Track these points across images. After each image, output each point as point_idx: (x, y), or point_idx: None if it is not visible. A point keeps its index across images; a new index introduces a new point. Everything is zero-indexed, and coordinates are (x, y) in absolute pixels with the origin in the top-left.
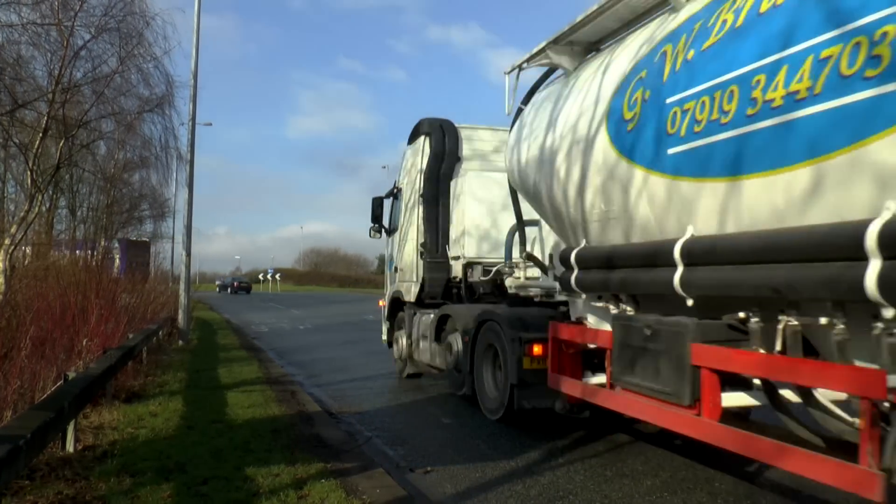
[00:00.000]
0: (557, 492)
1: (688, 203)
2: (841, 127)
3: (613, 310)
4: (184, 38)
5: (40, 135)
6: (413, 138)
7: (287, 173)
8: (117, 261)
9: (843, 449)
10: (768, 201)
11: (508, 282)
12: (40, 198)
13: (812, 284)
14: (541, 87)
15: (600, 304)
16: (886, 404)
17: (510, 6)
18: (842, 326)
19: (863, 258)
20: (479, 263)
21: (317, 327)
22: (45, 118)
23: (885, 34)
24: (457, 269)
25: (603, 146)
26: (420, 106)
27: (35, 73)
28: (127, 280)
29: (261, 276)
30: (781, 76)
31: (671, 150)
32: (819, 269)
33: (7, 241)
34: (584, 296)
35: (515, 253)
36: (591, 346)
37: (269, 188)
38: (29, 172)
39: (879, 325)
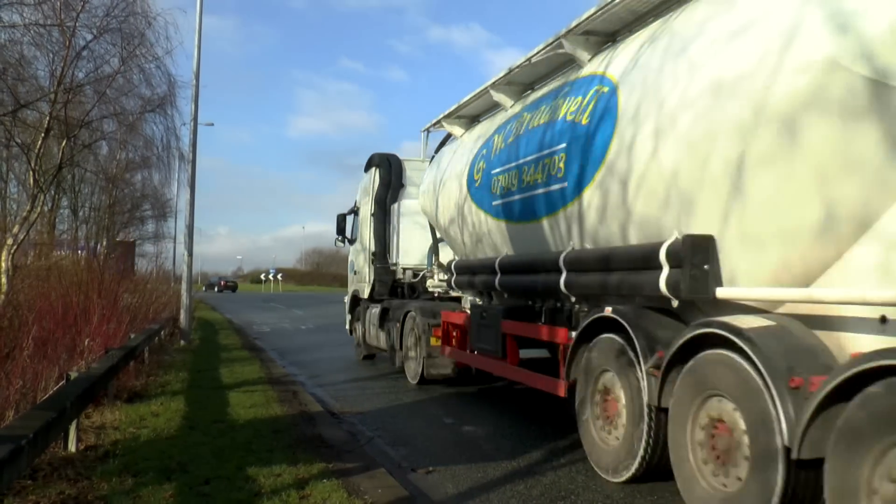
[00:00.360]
0: (559, 492)
1: (506, 236)
2: (548, 202)
3: (478, 301)
4: (186, 39)
5: (42, 135)
6: (367, 168)
7: (289, 173)
8: None
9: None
10: (540, 237)
11: (428, 283)
12: (42, 198)
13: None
14: (446, 143)
15: (471, 297)
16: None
17: (511, 7)
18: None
19: (657, 267)
20: (411, 269)
21: (318, 327)
22: (48, 118)
23: (557, 157)
24: (398, 274)
25: (465, 195)
26: (421, 106)
27: (37, 74)
28: (128, 280)
29: (262, 276)
30: (531, 168)
31: (494, 203)
32: (625, 277)
33: (9, 241)
34: (463, 292)
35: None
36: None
37: (271, 188)
38: (31, 172)
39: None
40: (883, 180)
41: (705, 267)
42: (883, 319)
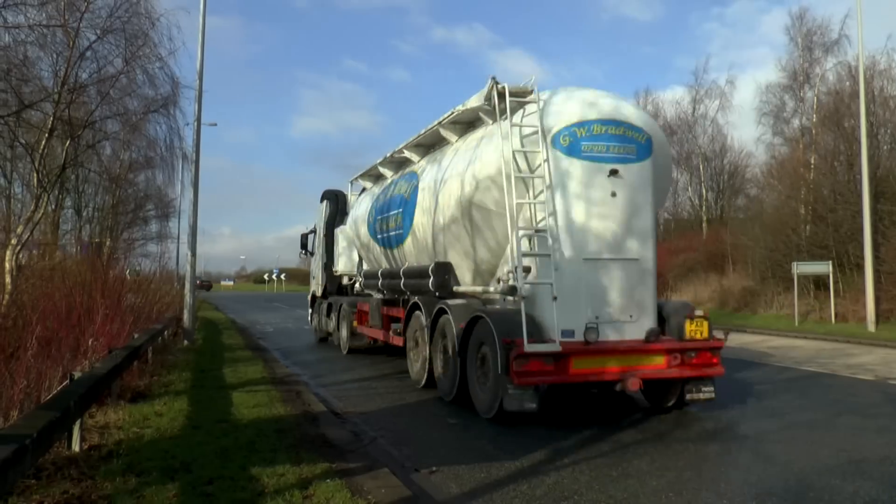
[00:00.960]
0: (563, 492)
1: (383, 256)
2: (397, 240)
3: (376, 295)
4: (189, 39)
5: (46, 135)
6: (322, 200)
7: (292, 173)
8: None
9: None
10: (397, 258)
11: (357, 285)
12: (46, 198)
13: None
14: (363, 191)
15: (377, 294)
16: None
17: (515, 7)
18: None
19: (427, 276)
20: (348, 275)
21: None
22: (51, 119)
23: (398, 215)
24: (342, 279)
25: (366, 229)
26: (425, 106)
27: (41, 74)
28: (133, 280)
29: (266, 276)
30: (390, 219)
31: (378, 236)
32: (418, 281)
33: (13, 241)
34: (368, 290)
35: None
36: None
37: (274, 188)
38: (35, 173)
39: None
40: (505, 237)
41: (446, 277)
42: (503, 298)
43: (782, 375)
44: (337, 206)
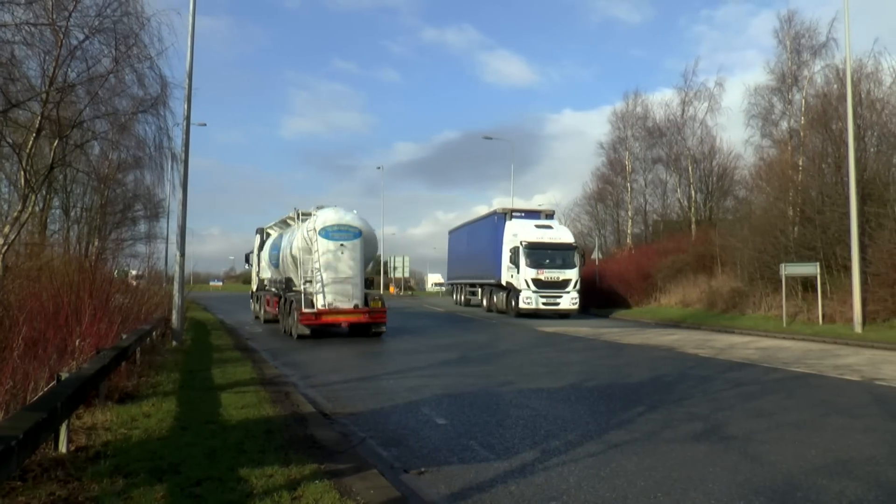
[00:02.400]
0: (551, 492)
1: (274, 272)
2: (275, 265)
3: (273, 290)
4: (179, 39)
5: (34, 135)
6: (256, 233)
7: (281, 174)
8: None
9: None
10: (277, 273)
11: (267, 286)
12: (34, 198)
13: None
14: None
15: (273, 290)
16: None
17: (504, 9)
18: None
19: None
20: (265, 280)
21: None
22: (39, 118)
23: (275, 253)
24: (262, 281)
25: (268, 258)
26: (414, 106)
27: (28, 73)
28: (121, 280)
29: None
30: (275, 254)
31: (272, 262)
32: (280, 284)
33: (0, 241)
34: (272, 289)
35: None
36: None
37: (264, 188)
38: (22, 172)
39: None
40: (304, 267)
41: (289, 283)
42: (304, 290)
43: (770, 376)
44: (262, 239)
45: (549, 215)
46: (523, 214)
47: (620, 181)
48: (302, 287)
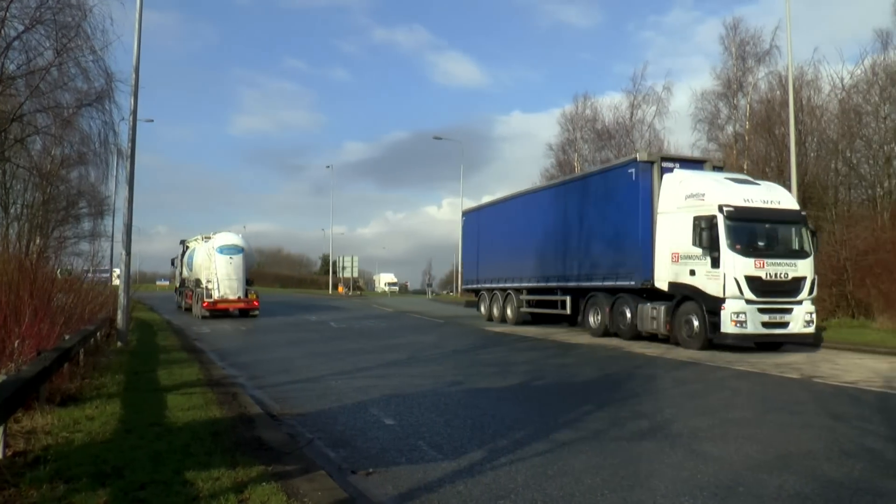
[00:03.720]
0: (499, 491)
1: (188, 274)
2: (189, 269)
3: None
4: (125, 33)
5: None
6: (181, 243)
7: (230, 172)
8: None
9: None
10: (192, 277)
11: (186, 283)
12: None
13: None
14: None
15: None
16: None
17: (455, 10)
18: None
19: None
20: (186, 279)
21: (259, 328)
22: None
23: (189, 261)
24: (184, 280)
25: (188, 263)
26: (364, 106)
27: None
28: (64, 279)
29: None
30: (188, 262)
31: (187, 267)
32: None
33: None
34: (190, 286)
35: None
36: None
37: (212, 187)
38: None
39: None
40: (205, 273)
41: (199, 284)
42: (207, 288)
43: (714, 375)
44: (185, 248)
45: (719, 167)
46: (678, 165)
47: None
48: (205, 285)
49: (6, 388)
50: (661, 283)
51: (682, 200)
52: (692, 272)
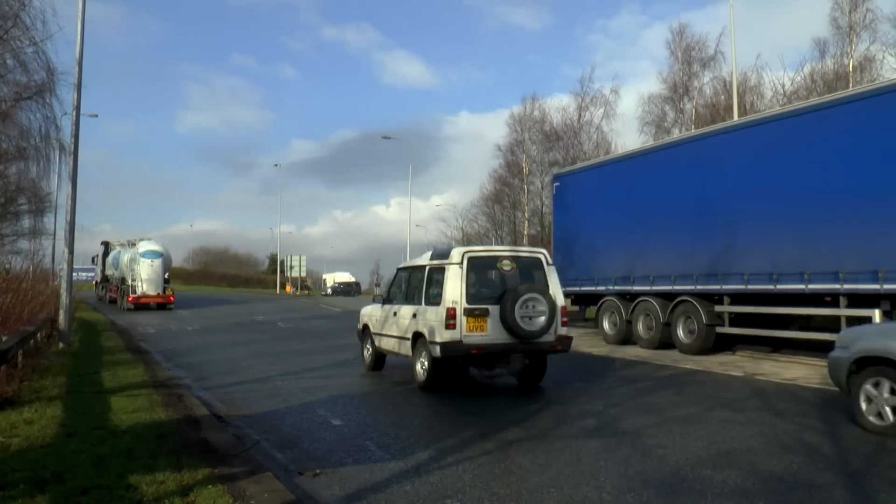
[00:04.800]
0: (447, 490)
1: (113, 272)
2: (115, 267)
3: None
4: (67, 24)
5: None
6: (102, 244)
7: (177, 170)
8: None
9: None
10: (115, 273)
11: (110, 280)
12: None
13: None
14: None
15: (124, 286)
16: None
17: (403, 10)
18: None
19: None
20: (111, 276)
21: (206, 328)
22: None
23: (118, 261)
24: (108, 276)
25: (112, 262)
26: (312, 104)
27: None
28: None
29: None
30: (116, 262)
31: (115, 267)
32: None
33: None
34: (115, 282)
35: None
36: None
37: (158, 185)
38: None
39: None
40: (128, 270)
41: (131, 282)
42: (132, 286)
43: (661, 373)
44: (107, 249)
45: None
46: None
47: (518, 183)
48: (130, 283)
49: None
50: None
51: None
52: None
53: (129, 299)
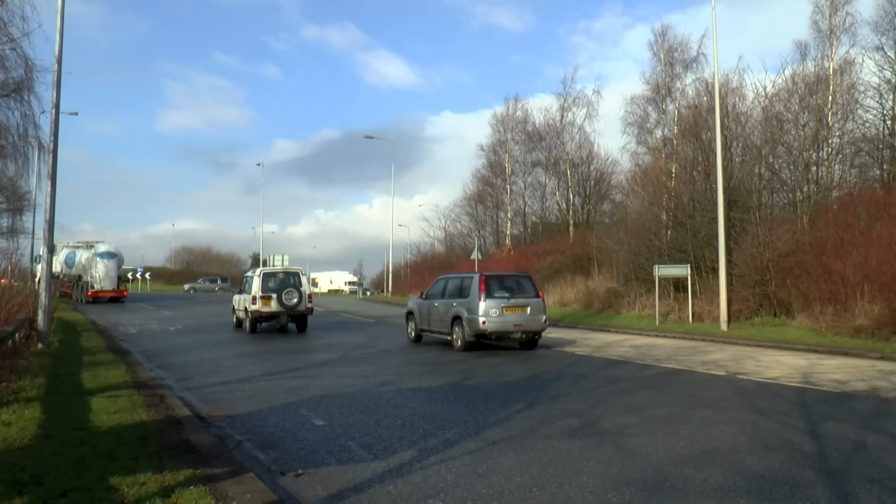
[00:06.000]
0: (429, 490)
1: (67, 270)
2: (70, 265)
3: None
4: (46, 21)
5: None
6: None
7: (159, 169)
8: None
9: None
10: (67, 272)
11: (62, 276)
12: None
13: None
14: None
15: (81, 282)
16: None
17: (385, 10)
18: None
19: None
20: (61, 273)
21: (188, 328)
22: None
23: (70, 260)
24: (59, 274)
25: (66, 261)
26: (295, 104)
27: None
28: None
29: (130, 275)
30: (71, 262)
31: (66, 266)
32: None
33: None
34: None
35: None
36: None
37: (140, 184)
38: None
39: None
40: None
41: (82, 278)
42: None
43: (644, 373)
44: (52, 249)
45: None
46: None
47: (500, 183)
48: (88, 279)
49: None
50: None
51: None
52: None
53: (89, 294)
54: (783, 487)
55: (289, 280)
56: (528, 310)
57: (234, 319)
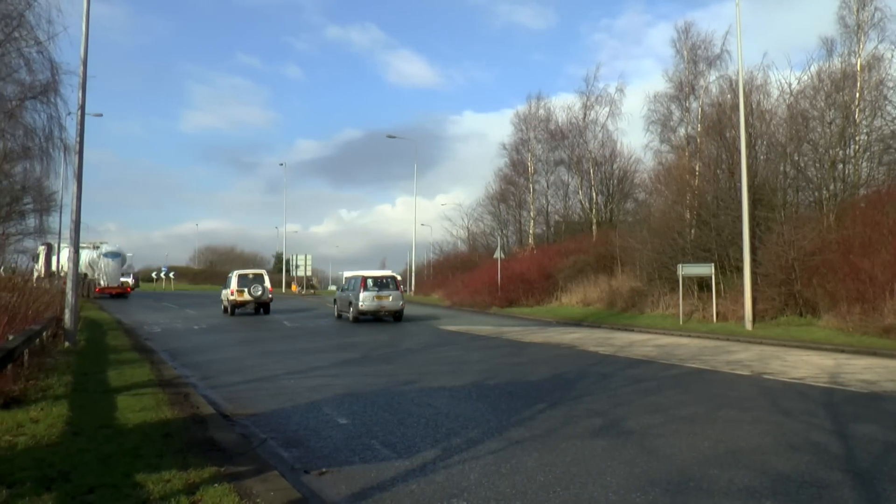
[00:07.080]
0: (452, 489)
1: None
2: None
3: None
4: (71, 24)
5: None
6: (43, 245)
7: (182, 169)
8: None
9: None
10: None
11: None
12: None
13: None
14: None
15: (88, 280)
16: None
17: (407, 9)
18: None
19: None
20: (61, 271)
21: (212, 327)
22: None
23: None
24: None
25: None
26: (317, 104)
27: None
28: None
29: (154, 275)
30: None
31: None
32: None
33: None
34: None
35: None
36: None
37: (164, 184)
38: None
39: None
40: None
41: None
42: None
43: (667, 372)
44: (49, 249)
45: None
46: None
47: (523, 182)
48: (93, 277)
49: None
50: None
51: None
52: None
53: (96, 290)
54: (810, 489)
55: (256, 279)
56: (391, 298)
57: (222, 308)
